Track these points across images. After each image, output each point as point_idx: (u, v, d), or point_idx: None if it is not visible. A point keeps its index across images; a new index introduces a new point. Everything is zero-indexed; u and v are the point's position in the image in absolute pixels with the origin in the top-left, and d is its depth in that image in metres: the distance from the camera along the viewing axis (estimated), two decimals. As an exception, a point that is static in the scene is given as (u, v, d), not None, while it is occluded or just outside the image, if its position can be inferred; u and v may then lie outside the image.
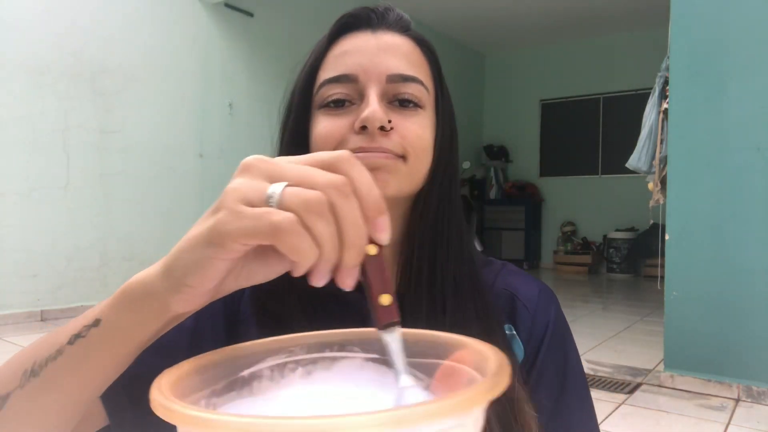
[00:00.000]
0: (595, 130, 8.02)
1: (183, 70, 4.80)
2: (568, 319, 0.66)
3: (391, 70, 0.55)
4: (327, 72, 0.56)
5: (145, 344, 0.40)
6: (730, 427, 2.28)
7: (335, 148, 0.53)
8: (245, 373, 0.36)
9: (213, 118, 5.05)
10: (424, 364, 0.37)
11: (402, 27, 0.59)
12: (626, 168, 3.42)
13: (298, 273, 0.32)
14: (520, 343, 0.60)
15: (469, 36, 7.96)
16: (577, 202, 8.11)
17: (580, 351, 0.68)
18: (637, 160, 3.25)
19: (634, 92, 7.28)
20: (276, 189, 0.31)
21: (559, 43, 8.13)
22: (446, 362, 0.36)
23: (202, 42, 4.95)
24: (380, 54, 0.55)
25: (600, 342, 3.66)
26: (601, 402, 2.55)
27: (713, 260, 2.71)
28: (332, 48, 0.58)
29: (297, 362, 0.38)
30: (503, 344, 0.57)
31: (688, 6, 2.80)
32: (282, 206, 0.31)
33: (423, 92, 0.56)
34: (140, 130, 4.52)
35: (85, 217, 4.20)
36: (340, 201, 0.31)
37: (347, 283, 0.33)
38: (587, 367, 3.05)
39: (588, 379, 2.92)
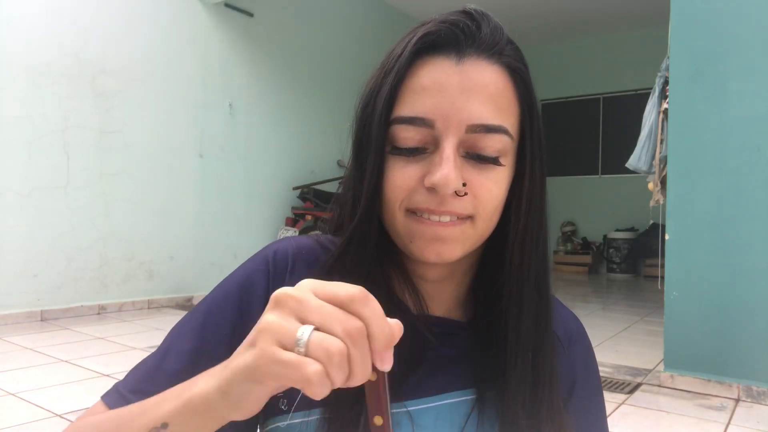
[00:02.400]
0: (595, 130, 8.02)
1: (183, 70, 4.80)
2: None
3: (473, 120, 0.49)
4: (403, 108, 0.51)
5: None
6: (730, 427, 2.28)
7: (404, 200, 0.51)
8: None
9: (213, 118, 5.05)
10: None
11: (494, 50, 0.51)
12: (626, 168, 3.42)
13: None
14: None
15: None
16: (577, 202, 8.12)
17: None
18: (637, 160, 3.25)
19: (634, 92, 7.28)
20: (304, 335, 0.35)
21: (559, 43, 8.13)
22: None
23: (202, 42, 4.95)
24: (462, 97, 0.49)
25: (600, 342, 3.66)
26: (601, 402, 2.55)
27: (713, 260, 2.71)
28: (411, 73, 0.51)
29: None
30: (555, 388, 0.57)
31: (688, 6, 2.80)
32: (309, 352, 0.35)
33: (506, 143, 0.51)
34: (140, 130, 4.52)
35: (85, 217, 4.21)
36: (354, 350, 0.35)
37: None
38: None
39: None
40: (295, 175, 5.63)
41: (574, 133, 8.22)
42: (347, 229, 0.54)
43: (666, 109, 2.96)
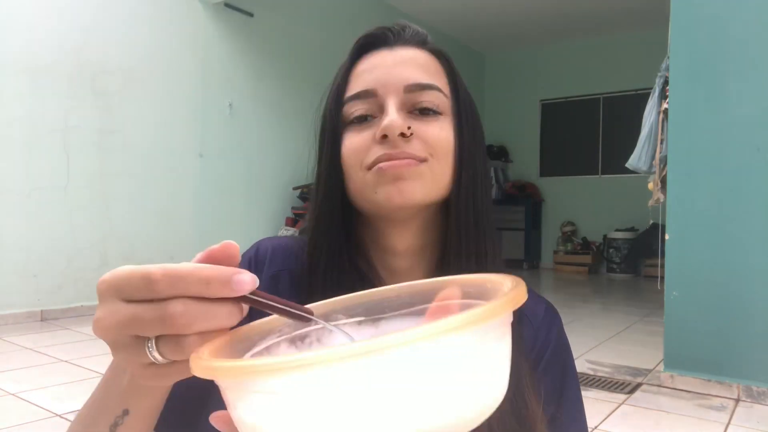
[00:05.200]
0: (595, 130, 8.02)
1: (183, 70, 4.80)
2: (568, 319, 0.66)
3: (408, 80, 0.57)
4: (350, 91, 0.59)
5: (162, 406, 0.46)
6: (730, 427, 2.28)
7: (362, 160, 0.56)
8: (246, 356, 0.37)
9: (213, 118, 5.05)
10: (411, 313, 0.37)
11: (418, 41, 0.61)
12: (626, 168, 3.42)
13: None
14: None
15: (469, 36, 7.96)
16: (577, 202, 8.12)
17: (580, 351, 0.69)
18: (637, 160, 3.25)
19: (634, 92, 7.28)
20: (151, 349, 0.33)
21: (559, 43, 8.13)
22: (433, 304, 0.36)
23: (202, 42, 4.95)
24: (397, 67, 0.58)
25: (600, 342, 3.66)
26: (601, 402, 2.55)
27: (713, 260, 2.71)
28: (354, 68, 0.61)
29: (290, 340, 0.39)
30: (522, 353, 0.58)
31: (688, 6, 2.80)
32: (168, 357, 0.33)
33: (441, 98, 0.58)
34: (140, 130, 4.52)
35: (85, 217, 4.21)
36: (190, 330, 0.33)
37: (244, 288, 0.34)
38: (587, 367, 3.06)
39: (588, 379, 2.92)
40: (295, 175, 5.63)
41: (574, 133, 8.22)
42: (314, 209, 0.60)
43: (666, 109, 2.95)
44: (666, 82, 2.98)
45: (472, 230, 0.58)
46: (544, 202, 8.42)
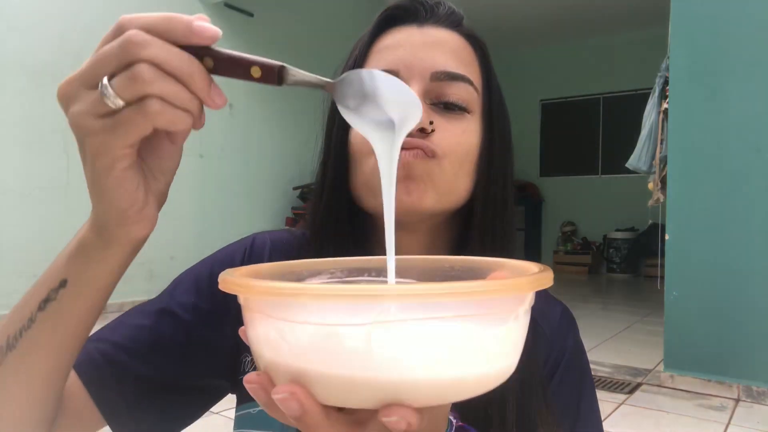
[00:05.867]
0: (595, 130, 8.02)
1: (183, 70, 4.80)
2: (568, 319, 0.66)
3: (437, 66, 0.50)
4: (368, 66, 0.52)
5: (114, 286, 0.41)
6: (730, 427, 2.28)
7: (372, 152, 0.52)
8: None
9: (213, 118, 5.04)
10: None
11: (453, 22, 0.54)
12: (626, 168, 3.42)
13: (181, 131, 0.34)
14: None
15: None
16: (577, 202, 8.11)
17: (581, 351, 0.68)
18: (637, 160, 3.25)
19: (634, 92, 7.28)
20: (104, 88, 0.32)
21: (559, 43, 8.13)
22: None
23: (202, 42, 4.94)
24: (425, 49, 0.51)
25: (600, 342, 3.66)
26: (601, 402, 2.53)
27: (713, 260, 2.71)
28: (375, 43, 0.54)
29: (339, 282, 0.39)
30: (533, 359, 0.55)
31: (688, 6, 2.80)
32: (123, 93, 0.31)
33: (472, 93, 0.52)
34: (140, 130, 4.52)
35: (85, 217, 4.14)
36: (151, 52, 0.31)
37: (217, 102, 0.34)
38: (587, 367, 3.05)
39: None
40: (295, 175, 5.63)
41: (574, 133, 8.22)
42: (317, 204, 0.56)
43: (666, 109, 2.95)
44: (666, 82, 2.98)
45: (497, 249, 0.54)
46: (544, 202, 8.42)
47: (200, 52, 0.33)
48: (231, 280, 0.29)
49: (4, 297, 3.79)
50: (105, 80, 0.32)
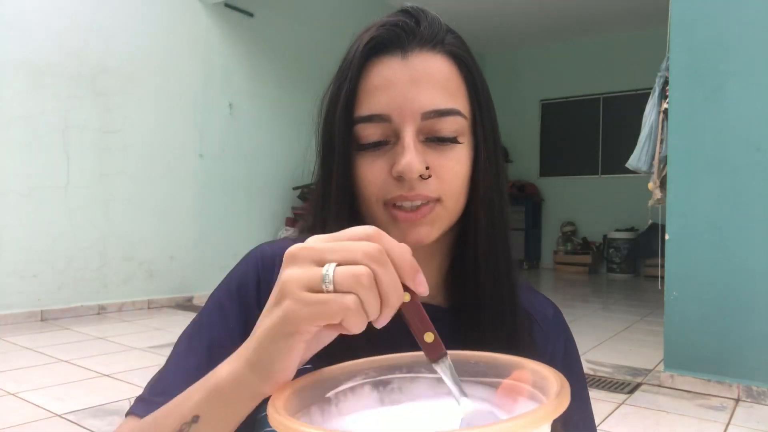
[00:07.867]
0: (595, 130, 8.02)
1: (183, 70, 4.80)
2: (568, 319, 0.67)
3: (426, 107, 0.53)
4: (361, 109, 0.54)
5: (236, 427, 0.44)
6: (730, 427, 2.28)
7: (377, 194, 0.54)
8: (330, 394, 0.41)
9: (213, 118, 5.04)
10: (485, 383, 0.41)
11: (437, 40, 0.55)
12: (626, 168, 3.42)
13: (350, 333, 0.38)
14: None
15: (469, 36, 7.94)
16: (577, 202, 8.12)
17: (580, 351, 0.69)
18: (637, 160, 3.25)
19: (634, 92, 7.28)
20: (329, 271, 0.36)
21: (559, 43, 8.13)
22: (506, 381, 0.40)
23: (202, 42, 4.95)
24: (413, 88, 0.53)
25: (600, 342, 3.66)
26: (601, 402, 2.55)
27: (713, 260, 2.71)
28: (364, 76, 0.55)
29: (373, 384, 0.43)
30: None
31: (688, 6, 2.80)
32: (337, 286, 0.36)
33: (461, 123, 0.55)
34: (140, 130, 4.52)
35: (85, 217, 4.20)
36: (380, 270, 0.36)
37: (380, 325, 0.38)
38: (587, 367, 3.05)
39: (588, 379, 2.92)
40: (295, 175, 5.63)
41: (574, 133, 8.22)
42: (318, 223, 0.58)
43: (666, 109, 2.96)
44: (666, 82, 2.98)
45: (491, 257, 0.57)
46: (544, 202, 8.42)
47: (407, 288, 0.38)
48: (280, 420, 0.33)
49: (4, 297, 3.80)
50: (333, 266, 0.36)
